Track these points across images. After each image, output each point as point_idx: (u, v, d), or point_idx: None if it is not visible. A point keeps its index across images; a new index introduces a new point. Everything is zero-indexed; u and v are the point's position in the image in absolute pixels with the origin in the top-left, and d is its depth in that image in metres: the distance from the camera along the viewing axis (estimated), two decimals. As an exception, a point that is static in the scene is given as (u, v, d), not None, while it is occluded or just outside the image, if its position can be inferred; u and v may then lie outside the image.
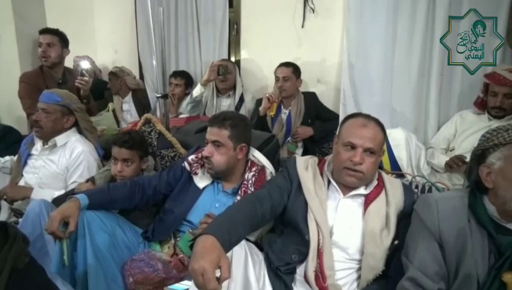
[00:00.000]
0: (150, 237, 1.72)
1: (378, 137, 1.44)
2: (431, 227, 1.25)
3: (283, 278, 1.36)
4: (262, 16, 3.18)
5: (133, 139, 1.89)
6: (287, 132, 2.79)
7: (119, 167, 1.87)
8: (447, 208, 1.25)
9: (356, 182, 1.44)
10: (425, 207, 1.29)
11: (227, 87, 3.08)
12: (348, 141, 1.43)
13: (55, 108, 2.04)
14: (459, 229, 1.21)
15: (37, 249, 1.62)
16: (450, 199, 1.29)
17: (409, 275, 1.24)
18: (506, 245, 1.15)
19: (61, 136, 2.06)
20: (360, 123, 1.46)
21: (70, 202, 1.50)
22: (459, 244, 1.20)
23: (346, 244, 1.41)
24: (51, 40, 2.68)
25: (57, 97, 2.05)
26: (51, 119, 2.03)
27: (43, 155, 2.08)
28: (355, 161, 1.40)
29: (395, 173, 2.06)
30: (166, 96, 2.35)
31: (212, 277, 1.01)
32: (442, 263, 1.23)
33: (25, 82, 2.66)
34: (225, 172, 1.72)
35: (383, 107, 2.76)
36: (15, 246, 0.99)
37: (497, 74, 2.27)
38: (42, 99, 2.05)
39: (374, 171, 1.47)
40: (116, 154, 1.88)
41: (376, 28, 2.70)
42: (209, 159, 1.67)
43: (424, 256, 1.24)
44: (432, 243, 1.24)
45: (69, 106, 2.09)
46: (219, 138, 1.66)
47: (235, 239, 1.21)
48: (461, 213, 1.23)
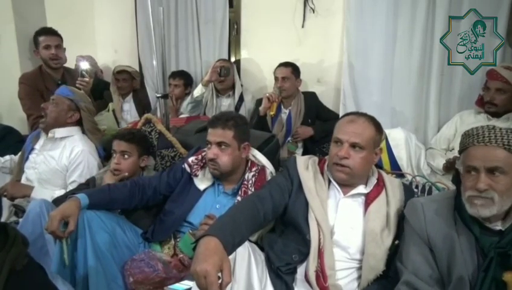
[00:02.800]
0: (150, 237, 1.72)
1: (367, 133, 1.43)
2: (419, 231, 1.26)
3: (284, 279, 1.36)
4: (262, 16, 3.18)
5: (133, 134, 1.96)
6: (287, 131, 2.78)
7: (117, 159, 1.89)
8: (434, 211, 1.27)
9: (345, 178, 1.44)
10: (412, 212, 1.31)
11: (226, 87, 3.09)
12: (335, 136, 1.46)
13: (63, 100, 2.09)
14: (446, 232, 1.22)
15: (37, 249, 1.62)
16: (436, 202, 1.30)
17: (404, 279, 1.25)
18: (488, 246, 1.15)
19: (61, 129, 2.07)
20: (348, 119, 1.48)
21: (70, 201, 1.50)
22: (447, 247, 1.21)
23: (347, 244, 1.41)
24: (59, 41, 2.68)
25: (68, 92, 2.12)
26: (55, 110, 2.07)
27: (44, 150, 2.08)
28: (340, 155, 1.41)
29: (395, 173, 2.06)
30: (167, 96, 2.34)
31: (215, 280, 1.00)
32: (435, 266, 1.24)
33: (24, 83, 2.65)
34: (230, 172, 1.72)
35: (383, 107, 2.77)
36: (14, 248, 0.98)
37: (493, 69, 2.30)
38: (56, 92, 2.12)
39: (364, 166, 1.46)
40: (115, 147, 1.92)
41: (376, 28, 2.71)
42: (215, 160, 1.67)
43: (417, 260, 1.25)
44: (423, 247, 1.26)
45: (77, 102, 2.13)
46: (224, 139, 1.66)
47: (238, 240, 1.20)
48: (447, 216, 1.25)
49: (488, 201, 1.13)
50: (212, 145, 1.68)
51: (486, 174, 1.13)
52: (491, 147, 1.14)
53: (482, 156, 1.14)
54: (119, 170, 1.89)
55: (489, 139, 1.15)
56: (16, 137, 2.65)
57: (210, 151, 1.68)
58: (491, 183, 1.13)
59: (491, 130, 1.17)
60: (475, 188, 1.14)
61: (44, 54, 2.65)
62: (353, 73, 2.82)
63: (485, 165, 1.13)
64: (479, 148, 1.16)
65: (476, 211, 1.15)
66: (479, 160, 1.15)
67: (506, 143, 1.13)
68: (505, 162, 1.12)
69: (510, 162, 1.12)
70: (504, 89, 2.22)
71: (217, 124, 1.68)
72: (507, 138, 1.13)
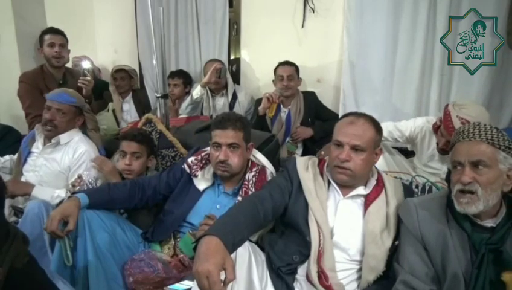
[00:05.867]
0: (150, 237, 1.71)
1: (367, 134, 1.43)
2: (413, 231, 1.28)
3: (285, 279, 1.36)
4: (262, 16, 3.18)
5: (142, 134, 1.97)
6: (287, 131, 2.78)
7: (128, 160, 1.89)
8: (426, 210, 1.29)
9: (346, 179, 1.44)
10: (406, 212, 1.33)
11: (220, 87, 3.09)
12: (336, 139, 1.45)
13: (70, 109, 2.08)
14: (438, 230, 1.24)
15: (36, 249, 1.62)
16: (429, 201, 1.33)
17: (401, 278, 1.26)
18: (479, 243, 1.18)
19: (65, 134, 2.07)
20: (348, 121, 1.47)
21: (70, 201, 1.50)
22: (440, 245, 1.23)
23: (347, 245, 1.41)
24: (63, 41, 2.70)
25: (72, 98, 2.10)
26: (66, 120, 2.06)
27: (45, 153, 2.08)
28: (341, 158, 1.41)
29: (395, 173, 2.06)
30: (167, 96, 2.34)
31: (217, 280, 1.00)
32: (431, 265, 1.26)
33: (24, 82, 2.65)
34: (239, 172, 1.72)
35: (383, 107, 2.77)
36: (14, 246, 0.98)
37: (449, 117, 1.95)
38: (57, 99, 2.06)
39: (365, 168, 1.45)
40: (125, 148, 1.91)
41: (376, 28, 2.71)
42: (227, 162, 1.66)
43: (413, 260, 1.27)
44: (418, 246, 1.27)
45: (82, 107, 2.14)
46: (237, 140, 1.66)
47: (238, 240, 1.20)
48: (440, 214, 1.27)
49: (473, 197, 1.16)
50: (222, 147, 1.66)
51: (471, 167, 1.17)
52: (475, 142, 1.19)
53: (466, 151, 1.19)
54: (130, 170, 1.90)
55: (473, 134, 1.20)
56: (15, 136, 2.65)
57: (222, 153, 1.65)
58: (475, 176, 1.16)
59: (476, 127, 1.22)
60: (459, 181, 1.18)
61: (47, 51, 2.66)
62: (353, 73, 2.83)
63: (469, 159, 1.18)
64: (464, 143, 1.21)
65: (462, 208, 1.18)
66: (463, 155, 1.19)
67: (489, 138, 1.18)
68: (488, 156, 1.16)
69: (493, 156, 1.17)
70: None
71: (227, 126, 1.66)
72: (490, 133, 1.18)
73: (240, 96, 3.10)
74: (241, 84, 3.37)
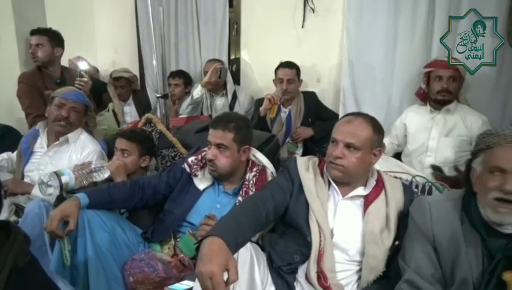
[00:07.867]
0: (150, 237, 1.71)
1: (363, 133, 1.43)
2: (425, 230, 1.25)
3: (285, 278, 1.36)
4: (262, 16, 3.18)
5: (135, 133, 2.00)
6: (287, 131, 2.78)
7: (117, 156, 1.93)
8: (440, 211, 1.25)
9: (340, 175, 1.44)
10: (419, 210, 1.29)
11: (219, 87, 3.09)
12: (332, 136, 1.47)
13: (82, 107, 2.13)
14: (452, 233, 1.20)
15: (36, 248, 1.61)
16: (444, 201, 1.28)
17: (406, 277, 1.24)
18: (496, 249, 1.14)
19: (72, 133, 2.09)
20: (346, 120, 1.49)
21: (70, 201, 1.50)
22: (452, 248, 1.19)
23: (347, 245, 1.41)
24: (39, 40, 2.68)
25: (84, 97, 2.16)
26: (79, 117, 2.11)
27: (50, 152, 2.08)
28: (334, 155, 1.42)
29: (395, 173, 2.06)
30: (167, 96, 2.35)
31: (221, 281, 0.99)
32: (438, 266, 1.23)
33: (23, 82, 2.65)
34: (229, 174, 1.72)
35: (383, 107, 2.77)
36: (16, 245, 0.98)
37: (438, 60, 2.38)
38: (71, 97, 2.08)
39: (360, 167, 1.44)
40: (117, 145, 1.96)
41: (376, 28, 2.71)
42: (213, 161, 1.66)
43: (420, 259, 1.24)
44: (427, 246, 1.24)
45: (89, 105, 2.20)
46: (224, 141, 1.65)
47: (240, 240, 1.20)
48: (454, 216, 1.22)
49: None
50: (212, 146, 1.68)
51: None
52: None
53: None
54: None
55: None
56: (15, 136, 2.64)
57: (209, 152, 1.67)
58: None
59: None
60: (501, 189, 1.10)
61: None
62: (353, 73, 2.82)
63: None
64: (508, 148, 1.12)
65: (499, 218, 1.11)
66: (507, 161, 1.10)
67: None
68: None
69: None
70: (455, 77, 2.31)
71: (218, 125, 1.67)
72: None
73: (240, 97, 3.10)
74: (241, 84, 3.37)
